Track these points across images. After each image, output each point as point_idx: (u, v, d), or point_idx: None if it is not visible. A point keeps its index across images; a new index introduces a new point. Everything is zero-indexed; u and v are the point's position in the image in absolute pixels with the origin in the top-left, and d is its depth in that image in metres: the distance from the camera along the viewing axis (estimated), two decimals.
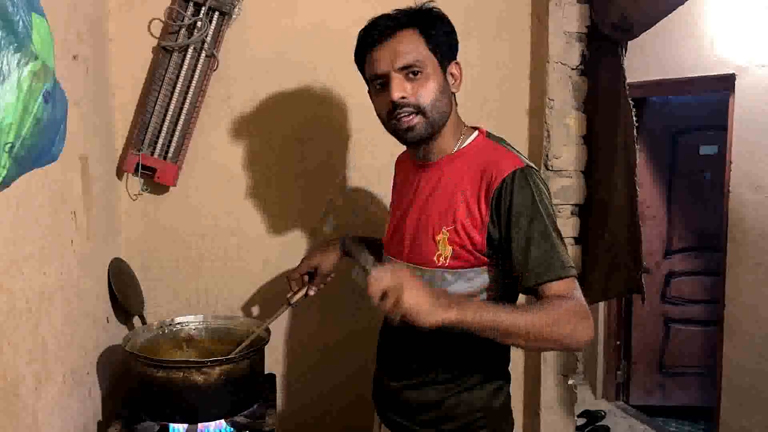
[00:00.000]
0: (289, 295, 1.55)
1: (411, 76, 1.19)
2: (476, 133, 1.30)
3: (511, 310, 1.11)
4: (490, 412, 1.28)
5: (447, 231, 1.21)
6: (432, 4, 1.26)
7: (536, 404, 1.99)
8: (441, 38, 1.23)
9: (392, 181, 1.49)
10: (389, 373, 1.37)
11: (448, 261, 1.21)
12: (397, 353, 1.35)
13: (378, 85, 1.24)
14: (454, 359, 1.26)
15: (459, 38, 1.85)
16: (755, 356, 2.85)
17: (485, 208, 1.18)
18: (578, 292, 1.13)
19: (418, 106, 1.20)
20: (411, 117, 1.21)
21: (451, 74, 1.26)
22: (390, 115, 1.22)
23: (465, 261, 1.20)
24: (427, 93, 1.20)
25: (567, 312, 1.09)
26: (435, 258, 1.22)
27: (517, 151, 1.26)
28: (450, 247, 1.20)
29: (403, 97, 1.19)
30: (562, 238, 1.18)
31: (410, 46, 1.20)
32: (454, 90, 1.27)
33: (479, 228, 1.18)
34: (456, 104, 1.31)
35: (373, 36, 1.22)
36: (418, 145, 1.28)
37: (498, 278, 1.22)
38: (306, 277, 1.55)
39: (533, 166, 1.22)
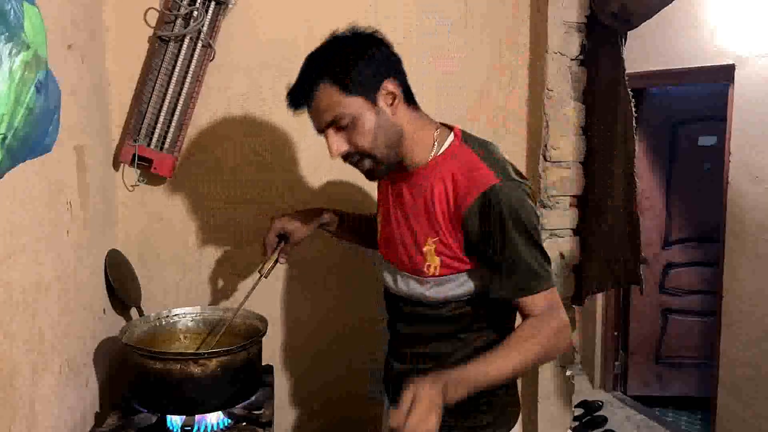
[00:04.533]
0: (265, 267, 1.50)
1: (342, 127, 1.19)
2: (451, 137, 1.26)
3: (494, 360, 1.14)
4: (495, 397, 1.29)
5: (433, 242, 1.22)
6: (340, 32, 1.22)
7: (534, 394, 2.00)
8: (359, 75, 1.16)
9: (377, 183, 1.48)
10: (397, 358, 1.38)
11: (438, 270, 1.22)
12: (405, 341, 1.37)
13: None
14: (459, 346, 1.27)
15: (458, 28, 1.84)
16: (752, 347, 2.85)
17: (459, 227, 1.18)
18: (555, 303, 1.18)
19: (360, 151, 1.20)
20: (362, 163, 1.22)
21: (389, 94, 1.19)
22: (346, 162, 1.25)
23: (455, 268, 1.22)
24: (361, 138, 1.18)
25: (546, 335, 1.16)
26: (425, 269, 1.23)
27: (493, 157, 1.22)
28: (438, 258, 1.22)
29: (340, 152, 1.20)
30: (540, 248, 1.19)
31: (327, 102, 1.17)
32: (394, 111, 1.20)
33: (457, 242, 1.20)
34: (415, 109, 1.26)
35: (295, 105, 1.23)
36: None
37: (487, 281, 1.23)
38: (276, 240, 1.50)
39: (510, 175, 1.19)
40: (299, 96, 1.22)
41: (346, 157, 1.23)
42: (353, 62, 1.17)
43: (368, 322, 1.85)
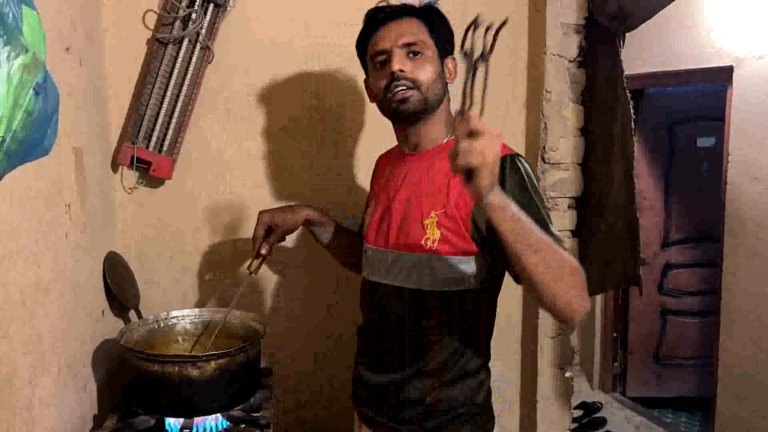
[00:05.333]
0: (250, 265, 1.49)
1: (411, 55, 1.26)
2: None
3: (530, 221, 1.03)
4: (473, 407, 1.28)
5: (436, 215, 1.21)
6: (436, 3, 1.34)
7: (533, 396, 2.00)
8: (441, 32, 1.31)
9: (371, 180, 1.49)
10: (370, 370, 1.36)
11: (436, 244, 1.21)
12: (378, 350, 1.35)
13: (379, 63, 1.29)
14: (436, 355, 1.26)
15: (456, 29, 1.84)
16: (751, 346, 2.86)
17: None
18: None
19: (415, 81, 1.25)
20: (406, 90, 1.25)
21: (447, 68, 1.32)
22: (386, 90, 1.26)
23: (453, 246, 1.20)
24: (424, 72, 1.25)
25: (576, 272, 1.07)
26: (423, 242, 1.22)
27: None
28: (438, 231, 1.21)
29: (402, 70, 1.24)
30: (551, 222, 1.19)
31: (414, 29, 1.27)
32: (449, 81, 1.31)
33: (468, 215, 1.19)
34: (450, 99, 1.33)
35: (379, 18, 1.30)
36: (408, 122, 1.29)
37: (486, 267, 1.22)
38: (265, 234, 1.48)
39: (523, 156, 1.25)
40: (391, 13, 1.29)
41: (397, 79, 1.24)
42: (444, 23, 1.33)
43: None
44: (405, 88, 1.24)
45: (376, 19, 1.30)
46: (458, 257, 1.21)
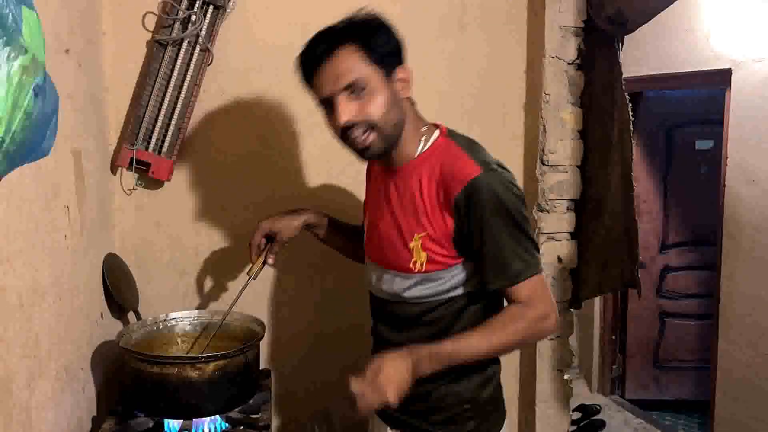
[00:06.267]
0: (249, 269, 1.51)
1: (356, 94, 1.16)
2: (437, 132, 1.27)
3: (471, 337, 1.18)
4: (477, 403, 1.29)
5: (419, 238, 1.22)
6: (369, 11, 1.21)
7: (531, 398, 2.00)
8: (383, 48, 1.18)
9: (365, 184, 1.49)
10: None
11: (424, 266, 1.23)
12: (388, 347, 1.36)
13: (326, 108, 1.21)
14: None
15: (454, 32, 1.85)
16: (750, 349, 2.86)
17: (448, 217, 1.19)
18: (541, 290, 1.20)
19: (369, 123, 1.17)
20: (365, 136, 1.18)
21: (400, 80, 1.21)
22: (343, 136, 1.20)
23: (440, 264, 1.22)
24: (375, 109, 1.16)
25: (528, 320, 1.18)
26: (411, 265, 1.23)
27: (477, 151, 1.23)
28: (425, 253, 1.22)
29: (350, 120, 1.16)
30: (527, 235, 1.20)
31: (350, 64, 1.15)
32: (404, 95, 1.22)
33: (446, 234, 1.20)
34: (413, 103, 1.27)
35: (312, 59, 1.18)
36: (378, 159, 1.28)
37: (474, 272, 1.23)
38: (264, 241, 1.50)
39: (493, 166, 1.20)
40: (323, 50, 1.16)
41: (349, 129, 1.17)
42: (383, 35, 1.19)
43: (368, 324, 1.85)
44: (361, 133, 1.17)
45: (310, 61, 1.19)
46: (448, 270, 1.23)
